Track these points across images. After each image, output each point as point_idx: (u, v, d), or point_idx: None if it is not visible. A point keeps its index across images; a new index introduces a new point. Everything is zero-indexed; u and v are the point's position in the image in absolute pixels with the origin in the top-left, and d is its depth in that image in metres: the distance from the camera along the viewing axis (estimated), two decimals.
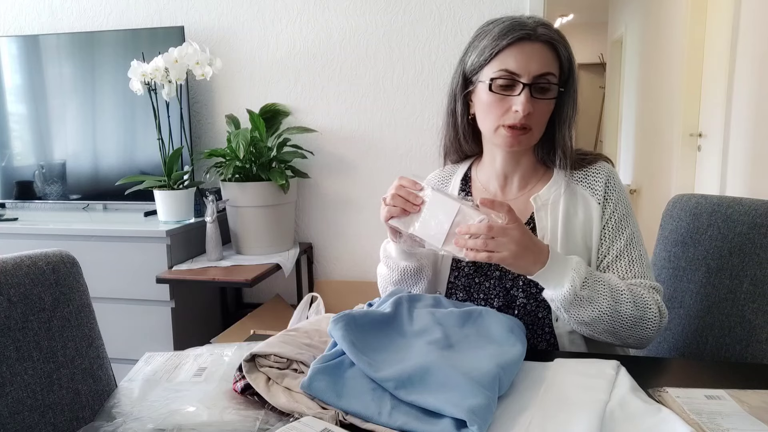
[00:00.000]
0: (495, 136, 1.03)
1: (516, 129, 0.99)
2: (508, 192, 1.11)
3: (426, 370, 0.74)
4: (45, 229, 2.05)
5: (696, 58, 3.34)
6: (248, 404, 0.76)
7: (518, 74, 0.98)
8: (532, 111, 0.98)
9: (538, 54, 0.98)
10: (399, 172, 2.41)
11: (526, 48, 0.98)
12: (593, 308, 0.93)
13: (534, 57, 0.98)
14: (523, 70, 0.97)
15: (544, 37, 0.98)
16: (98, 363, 0.88)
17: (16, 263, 0.81)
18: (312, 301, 1.21)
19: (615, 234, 1.03)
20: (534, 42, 0.98)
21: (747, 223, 1.17)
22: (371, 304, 0.96)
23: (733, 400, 0.74)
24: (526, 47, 0.98)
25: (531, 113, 0.98)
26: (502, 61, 0.99)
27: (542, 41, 0.98)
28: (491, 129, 1.03)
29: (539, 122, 1.01)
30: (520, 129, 0.99)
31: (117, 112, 2.28)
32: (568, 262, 0.93)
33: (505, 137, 1.01)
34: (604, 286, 0.93)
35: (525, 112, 0.97)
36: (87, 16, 2.42)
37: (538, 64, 0.97)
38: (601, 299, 0.93)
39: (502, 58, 0.99)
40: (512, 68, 0.98)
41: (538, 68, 0.97)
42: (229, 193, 2.05)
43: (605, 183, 1.05)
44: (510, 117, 0.99)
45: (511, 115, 0.99)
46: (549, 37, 0.98)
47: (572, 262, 0.93)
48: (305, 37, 2.26)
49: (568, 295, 0.91)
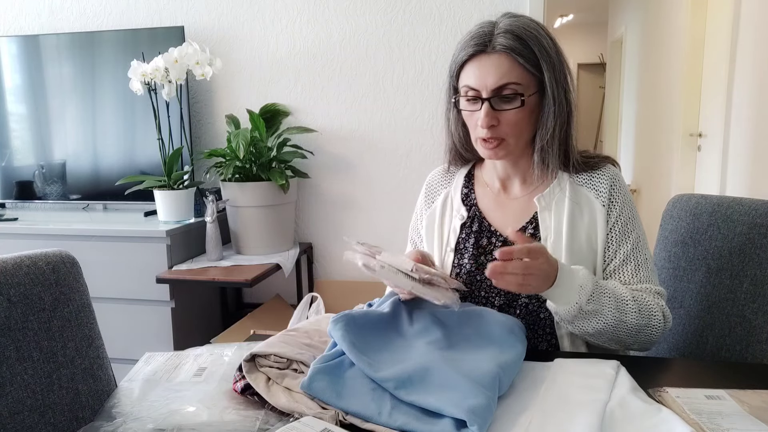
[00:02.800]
0: (476, 147, 1.05)
1: (486, 141, 1.00)
2: (510, 191, 1.11)
3: (426, 370, 0.74)
4: (45, 229, 2.05)
5: (696, 58, 3.34)
6: (248, 404, 0.76)
7: (477, 89, 0.99)
8: (498, 123, 0.99)
9: (495, 66, 0.97)
10: (399, 172, 2.43)
11: (482, 61, 0.98)
12: (598, 321, 0.93)
13: (491, 70, 0.97)
14: (480, 85, 0.98)
15: (501, 47, 0.96)
16: (98, 363, 0.88)
17: (16, 263, 0.81)
18: (312, 301, 1.21)
19: (621, 238, 1.03)
20: (490, 54, 0.97)
21: (747, 223, 1.17)
22: (371, 304, 0.96)
23: (733, 400, 0.74)
24: (483, 60, 0.98)
25: (496, 126, 0.99)
26: (466, 75, 1.01)
27: (499, 51, 0.97)
28: (473, 140, 1.05)
29: (510, 132, 1.00)
30: (490, 141, 1.00)
31: (117, 112, 2.28)
32: (575, 278, 0.91)
33: (483, 149, 1.03)
34: (610, 298, 0.93)
35: (485, 126, 0.98)
36: (87, 16, 2.42)
37: (495, 76, 0.97)
38: (607, 312, 0.92)
39: (465, 73, 1.01)
40: (471, 84, 0.99)
41: (495, 81, 0.97)
42: (229, 193, 2.05)
43: (610, 186, 1.04)
44: (479, 131, 1.01)
45: (479, 129, 1.00)
46: (505, 47, 0.96)
47: (579, 278, 0.91)
48: (305, 37, 2.26)
49: (573, 311, 0.91)
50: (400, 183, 2.26)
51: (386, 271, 0.85)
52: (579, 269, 0.93)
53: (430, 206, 1.17)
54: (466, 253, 1.07)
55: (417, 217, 1.21)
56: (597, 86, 7.50)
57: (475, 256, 1.07)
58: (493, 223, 1.08)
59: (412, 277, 0.86)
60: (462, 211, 1.11)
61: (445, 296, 0.86)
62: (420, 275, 0.86)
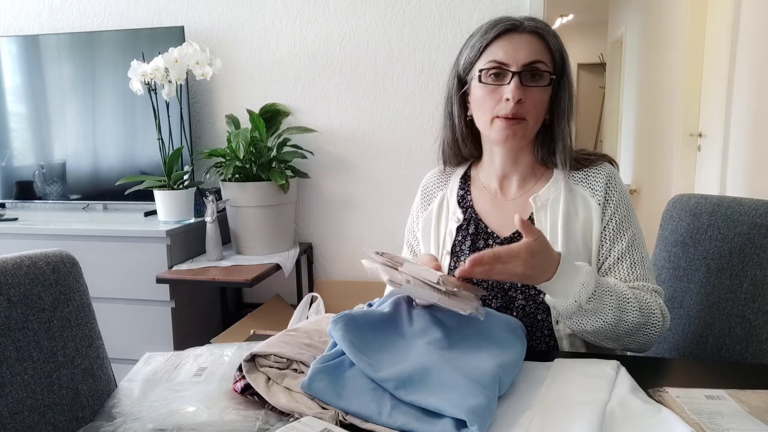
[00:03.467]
0: (491, 129, 1.03)
1: (509, 119, 0.99)
2: (507, 192, 1.11)
3: (426, 370, 0.74)
4: (45, 229, 2.05)
5: (696, 58, 3.34)
6: (248, 404, 0.76)
7: (507, 63, 0.99)
8: (524, 99, 0.98)
9: (525, 43, 0.99)
10: (399, 172, 2.42)
11: (514, 38, 1.00)
12: (597, 319, 0.92)
13: (522, 46, 0.99)
14: (511, 60, 0.99)
15: (531, 27, 1.00)
16: (98, 363, 0.88)
17: (16, 263, 0.81)
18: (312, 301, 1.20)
19: (616, 236, 1.02)
20: (521, 33, 1.00)
21: (747, 223, 1.17)
22: (371, 304, 0.96)
23: (733, 400, 0.74)
24: (514, 38, 1.00)
25: (523, 102, 0.98)
26: (491, 53, 1.01)
27: (529, 32, 1.00)
28: (487, 122, 1.03)
29: (533, 112, 1.01)
30: (513, 119, 0.99)
31: (117, 112, 2.28)
32: (577, 274, 0.90)
33: (500, 129, 1.01)
34: (612, 297, 0.92)
35: (515, 99, 0.97)
36: (87, 16, 2.42)
37: (526, 52, 0.99)
38: (607, 310, 0.91)
39: (491, 51, 1.01)
40: (500, 59, 0.99)
41: (527, 56, 0.98)
42: (229, 193, 2.05)
43: (605, 184, 1.04)
44: (502, 107, 0.99)
45: (503, 105, 0.99)
46: (536, 27, 1.00)
47: (581, 275, 0.90)
48: (305, 37, 2.26)
49: (571, 308, 0.90)
50: (400, 183, 2.26)
51: (412, 285, 0.83)
52: (583, 266, 0.92)
53: (427, 209, 1.17)
54: (463, 255, 1.07)
55: (413, 220, 1.20)
56: (597, 86, 7.50)
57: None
58: (489, 225, 1.08)
59: (439, 289, 0.83)
60: (458, 213, 1.11)
61: (471, 306, 0.84)
62: (446, 288, 0.83)
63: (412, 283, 0.82)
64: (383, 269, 0.83)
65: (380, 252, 0.88)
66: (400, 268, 0.84)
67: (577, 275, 0.90)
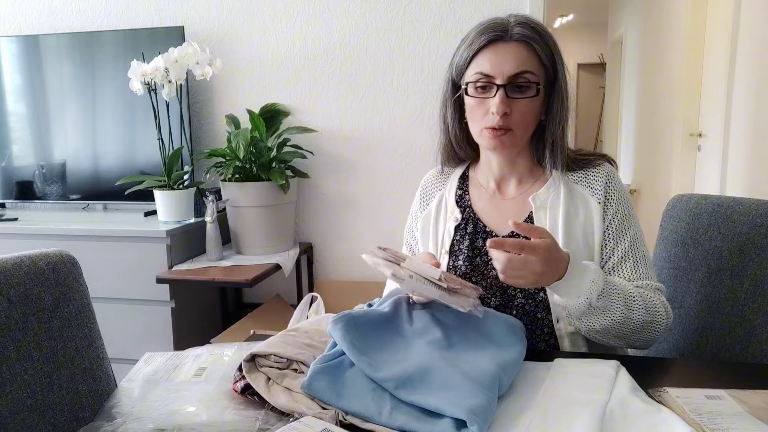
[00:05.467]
0: (480, 138, 1.04)
1: (496, 130, 1.00)
2: (505, 192, 1.11)
3: (426, 370, 0.74)
4: (45, 229, 2.05)
5: (696, 58, 3.34)
6: (248, 404, 0.76)
7: (492, 76, 0.98)
8: (510, 111, 0.98)
9: (512, 54, 0.98)
10: (399, 172, 2.42)
11: (500, 49, 0.98)
12: (606, 317, 0.92)
13: (508, 57, 0.98)
14: (496, 71, 0.98)
15: (519, 36, 0.98)
16: (98, 363, 0.88)
17: (16, 263, 0.81)
18: (312, 301, 1.21)
19: (619, 235, 1.03)
20: (508, 42, 0.98)
21: (747, 223, 1.17)
22: (371, 304, 0.96)
23: (733, 400, 0.74)
24: (500, 48, 0.98)
25: (508, 114, 0.98)
26: (478, 64, 1.00)
27: (517, 41, 0.98)
28: (477, 132, 1.04)
29: (521, 123, 1.00)
30: (499, 130, 0.99)
31: (117, 112, 2.28)
32: (586, 273, 0.91)
33: (488, 139, 1.02)
34: (619, 295, 0.93)
35: (499, 113, 0.97)
36: (87, 16, 2.42)
37: (512, 63, 0.97)
38: (615, 308, 0.92)
39: (478, 62, 1.00)
40: (486, 71, 0.99)
41: (513, 68, 0.97)
42: (229, 193, 2.05)
43: (605, 183, 1.04)
44: (489, 119, 1.00)
45: (489, 117, 0.99)
46: (524, 36, 0.98)
47: (590, 273, 0.91)
48: (305, 37, 2.26)
49: (582, 306, 0.91)
50: (399, 183, 2.26)
51: (414, 281, 0.83)
52: (590, 264, 0.93)
53: (425, 209, 1.17)
54: (461, 255, 1.07)
55: (412, 220, 1.20)
56: (597, 86, 7.50)
57: (470, 257, 1.06)
58: (488, 225, 1.08)
59: (440, 286, 0.84)
60: (456, 213, 1.11)
61: (470, 303, 0.85)
62: (448, 284, 0.84)
63: (414, 278, 0.83)
64: (386, 264, 0.84)
65: (382, 247, 0.88)
66: (402, 263, 0.84)
67: (586, 273, 0.91)
